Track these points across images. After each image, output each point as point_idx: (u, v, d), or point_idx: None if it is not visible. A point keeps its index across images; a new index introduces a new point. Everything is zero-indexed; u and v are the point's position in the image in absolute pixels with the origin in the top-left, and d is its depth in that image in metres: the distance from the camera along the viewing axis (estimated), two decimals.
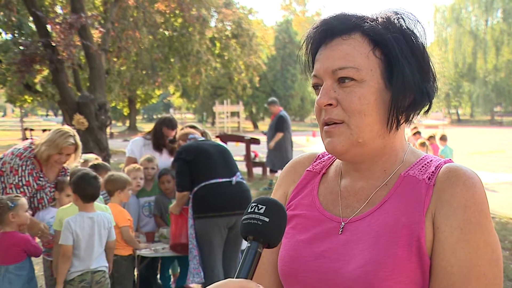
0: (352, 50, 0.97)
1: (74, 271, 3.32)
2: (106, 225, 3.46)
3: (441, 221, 0.91)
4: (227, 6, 22.65)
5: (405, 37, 0.98)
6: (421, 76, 0.99)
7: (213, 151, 4.04)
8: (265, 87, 39.32)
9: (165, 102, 58.71)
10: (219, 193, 3.84)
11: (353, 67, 0.96)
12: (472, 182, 0.93)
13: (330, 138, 0.99)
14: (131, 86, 21.51)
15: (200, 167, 3.91)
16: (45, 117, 72.86)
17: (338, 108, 0.98)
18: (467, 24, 45.51)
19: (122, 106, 33.57)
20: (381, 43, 0.97)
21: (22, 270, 3.25)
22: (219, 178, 3.88)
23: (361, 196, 1.03)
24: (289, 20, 44.43)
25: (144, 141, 4.94)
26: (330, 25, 1.00)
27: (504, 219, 7.46)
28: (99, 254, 3.43)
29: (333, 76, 0.98)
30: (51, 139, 3.59)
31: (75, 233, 3.29)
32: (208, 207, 3.84)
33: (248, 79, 25.05)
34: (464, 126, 38.91)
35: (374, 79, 0.97)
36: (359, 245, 0.96)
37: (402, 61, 0.96)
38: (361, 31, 0.98)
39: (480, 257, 0.89)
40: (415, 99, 0.99)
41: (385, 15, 1.01)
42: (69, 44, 8.61)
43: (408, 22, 1.00)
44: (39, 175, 3.64)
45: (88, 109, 8.73)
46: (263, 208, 0.85)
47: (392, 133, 1.00)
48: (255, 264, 0.83)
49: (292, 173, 1.18)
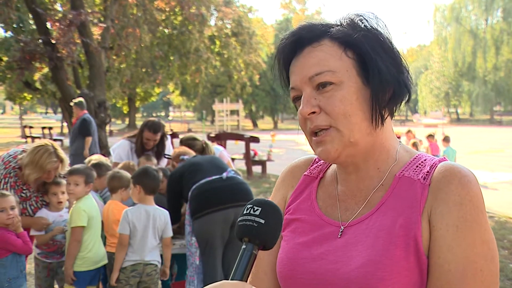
0: (324, 55, 0.98)
1: (127, 259, 3.42)
2: (163, 220, 3.55)
3: (437, 219, 0.92)
4: (227, 4, 22.67)
5: (372, 35, 1.00)
6: (395, 68, 1.00)
7: (202, 159, 4.14)
8: (264, 85, 39.34)
9: (164, 100, 58.72)
10: (211, 188, 3.86)
11: (329, 70, 0.97)
12: (467, 180, 0.93)
13: (323, 147, 0.99)
14: (131, 84, 21.52)
15: (189, 179, 3.93)
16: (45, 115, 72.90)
17: (322, 114, 0.98)
18: (467, 23, 45.52)
19: (122, 104, 33.60)
20: (351, 43, 0.98)
21: (1, 267, 3.17)
22: (209, 176, 3.91)
23: (359, 198, 1.04)
24: (289, 18, 44.46)
25: (130, 144, 4.76)
26: (298, 35, 1.01)
27: (503, 218, 7.48)
28: (153, 247, 3.51)
29: (311, 84, 0.99)
30: (33, 161, 3.39)
31: (132, 223, 3.40)
32: (202, 205, 3.84)
33: (247, 77, 25.08)
34: (463, 125, 38.94)
35: (352, 79, 0.98)
36: (357, 247, 0.97)
37: (374, 57, 0.97)
38: (329, 36, 1.00)
39: (477, 254, 0.89)
40: (394, 92, 1.00)
41: (348, 19, 1.03)
42: (69, 42, 8.62)
43: (370, 21, 1.02)
44: (22, 188, 3.51)
45: (88, 106, 8.73)
46: (258, 209, 0.85)
47: (379, 129, 1.01)
48: (250, 266, 0.82)
49: (290, 178, 1.19)
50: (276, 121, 44.16)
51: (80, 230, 3.40)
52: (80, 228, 3.40)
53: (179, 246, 4.19)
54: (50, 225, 3.59)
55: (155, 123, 4.70)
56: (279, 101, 41.13)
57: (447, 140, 10.08)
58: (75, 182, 3.46)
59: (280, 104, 41.41)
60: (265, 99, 40.92)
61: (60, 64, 8.70)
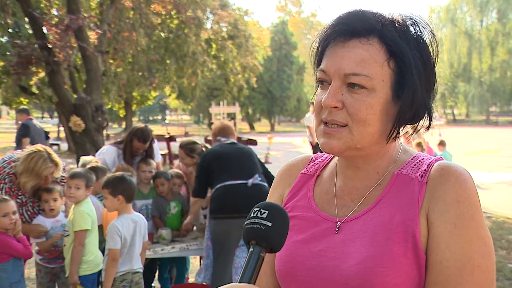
0: (368, 57, 0.95)
1: (117, 271, 3.38)
2: (143, 226, 3.53)
3: (435, 216, 0.94)
4: (223, 7, 22.66)
5: (421, 53, 0.98)
6: (428, 92, 1.01)
7: (233, 153, 4.08)
8: (261, 88, 39.32)
9: (161, 103, 58.61)
10: (233, 194, 3.86)
11: (367, 75, 0.95)
12: (464, 178, 0.95)
13: (328, 139, 0.99)
14: (127, 88, 21.48)
15: (215, 172, 3.96)
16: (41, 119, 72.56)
17: (343, 111, 0.97)
18: (462, 24, 45.66)
19: (118, 108, 33.50)
20: (397, 54, 0.96)
21: (3, 272, 3.17)
22: (234, 180, 3.90)
23: (355, 196, 1.05)
24: (284, 21, 44.45)
25: (117, 151, 4.64)
26: (352, 26, 0.97)
27: (500, 218, 7.50)
28: (139, 254, 3.51)
29: (344, 79, 0.97)
30: (28, 168, 3.33)
31: (123, 236, 3.36)
32: (222, 208, 3.86)
33: (244, 80, 25.06)
34: (459, 126, 39.01)
35: (384, 89, 0.97)
36: (355, 243, 0.98)
37: (416, 78, 0.96)
38: (379, 36, 0.97)
39: (474, 251, 0.91)
40: (417, 114, 1.00)
41: (401, 18, 1.00)
42: (66, 46, 8.59)
43: (422, 30, 1.00)
44: (18, 193, 3.49)
45: (85, 111, 8.70)
46: (265, 212, 0.86)
47: (389, 142, 1.03)
48: (258, 269, 0.83)
49: (287, 176, 1.20)
50: (273, 124, 44.14)
51: (84, 233, 3.40)
52: (84, 231, 3.40)
53: (179, 249, 4.19)
54: (48, 232, 3.59)
55: (144, 132, 4.56)
56: (275, 103, 41.11)
57: (443, 144, 10.10)
58: (76, 186, 3.45)
59: (277, 106, 41.40)
60: (262, 102, 40.90)
61: (57, 68, 8.67)
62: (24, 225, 3.43)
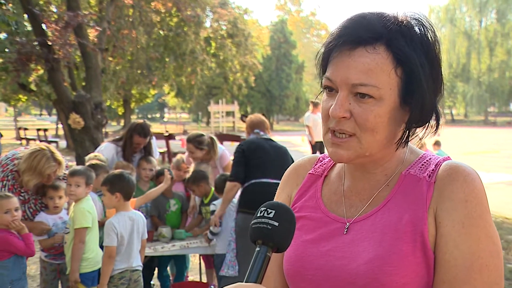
0: (375, 66, 0.94)
1: (115, 268, 3.37)
2: (142, 223, 3.53)
3: (443, 216, 0.94)
4: (223, 6, 22.65)
5: (428, 57, 0.97)
6: (436, 97, 1.01)
7: (272, 151, 4.08)
8: (260, 86, 39.33)
9: (159, 101, 58.58)
10: (267, 193, 3.84)
11: (374, 85, 0.94)
12: (472, 178, 0.96)
13: (337, 149, 0.99)
14: (126, 86, 21.47)
15: (255, 163, 3.94)
16: (39, 116, 72.60)
17: (351, 120, 0.96)
18: (461, 24, 45.73)
19: (117, 106, 33.48)
20: (404, 61, 0.95)
21: (4, 269, 3.17)
22: (271, 178, 3.89)
23: (363, 196, 1.05)
24: (284, 20, 44.44)
25: (116, 148, 4.60)
26: (357, 36, 0.95)
27: (499, 218, 7.52)
28: (137, 252, 3.50)
29: (351, 89, 0.95)
30: (31, 167, 3.33)
31: (120, 234, 3.35)
32: (252, 204, 3.85)
33: (243, 78, 25.09)
34: (458, 126, 39.06)
35: (392, 98, 0.96)
36: (364, 243, 0.98)
37: (424, 83, 0.96)
38: (386, 44, 0.95)
39: (482, 249, 0.92)
40: (425, 118, 1.01)
41: (406, 20, 0.98)
42: (65, 43, 8.57)
43: (427, 31, 0.98)
44: (20, 191, 3.49)
45: (84, 108, 8.68)
46: (272, 212, 0.86)
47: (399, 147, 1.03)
48: (264, 269, 0.83)
49: (294, 176, 1.20)
50: (272, 123, 44.16)
51: (84, 231, 3.40)
52: (85, 229, 3.40)
53: (179, 247, 4.19)
54: (51, 230, 3.59)
55: (144, 127, 4.56)
56: (274, 102, 41.14)
57: (438, 144, 10.12)
58: (76, 183, 3.45)
59: (276, 105, 41.42)
60: (261, 101, 40.91)
61: (56, 65, 8.64)
62: (27, 223, 3.42)
